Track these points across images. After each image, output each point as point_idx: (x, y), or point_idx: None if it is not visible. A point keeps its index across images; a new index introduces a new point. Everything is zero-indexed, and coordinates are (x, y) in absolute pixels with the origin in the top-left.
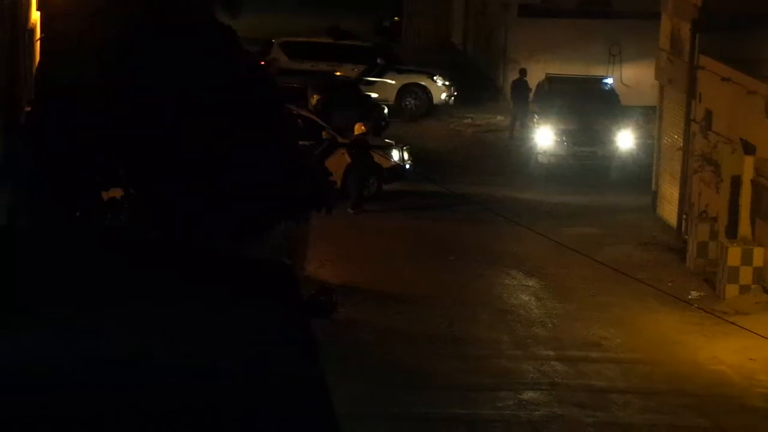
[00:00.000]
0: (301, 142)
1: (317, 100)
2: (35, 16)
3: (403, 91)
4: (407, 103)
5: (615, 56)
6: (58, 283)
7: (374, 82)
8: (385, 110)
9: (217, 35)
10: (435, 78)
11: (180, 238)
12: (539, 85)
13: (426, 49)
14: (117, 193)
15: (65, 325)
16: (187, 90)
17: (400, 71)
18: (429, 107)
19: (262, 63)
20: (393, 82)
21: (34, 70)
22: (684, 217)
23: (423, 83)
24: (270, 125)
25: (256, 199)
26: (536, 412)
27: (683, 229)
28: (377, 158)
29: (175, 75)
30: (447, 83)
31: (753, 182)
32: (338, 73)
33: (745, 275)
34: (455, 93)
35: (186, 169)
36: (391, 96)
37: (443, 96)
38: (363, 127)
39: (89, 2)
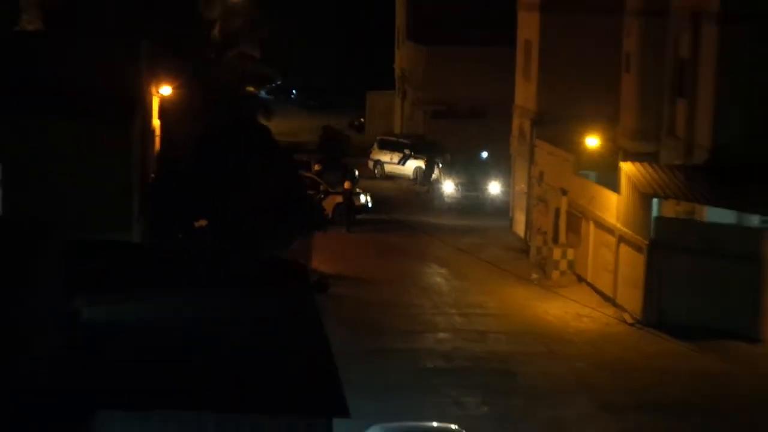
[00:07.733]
0: (308, 192)
1: (317, 168)
2: (156, 122)
3: (416, 170)
4: (416, 177)
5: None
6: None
7: (404, 164)
8: (356, 172)
9: (259, 130)
10: (435, 161)
11: (242, 249)
12: (445, 158)
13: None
14: (203, 222)
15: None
16: (248, 162)
17: (415, 157)
18: (428, 180)
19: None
20: (409, 165)
21: (155, 154)
22: (528, 232)
23: (423, 166)
24: (292, 183)
25: (284, 225)
26: (445, 346)
27: (528, 239)
28: (355, 200)
29: (239, 155)
30: (440, 165)
31: (567, 212)
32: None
33: (563, 265)
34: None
35: (247, 209)
36: (410, 173)
37: (434, 174)
38: (349, 184)
39: (188, 112)
